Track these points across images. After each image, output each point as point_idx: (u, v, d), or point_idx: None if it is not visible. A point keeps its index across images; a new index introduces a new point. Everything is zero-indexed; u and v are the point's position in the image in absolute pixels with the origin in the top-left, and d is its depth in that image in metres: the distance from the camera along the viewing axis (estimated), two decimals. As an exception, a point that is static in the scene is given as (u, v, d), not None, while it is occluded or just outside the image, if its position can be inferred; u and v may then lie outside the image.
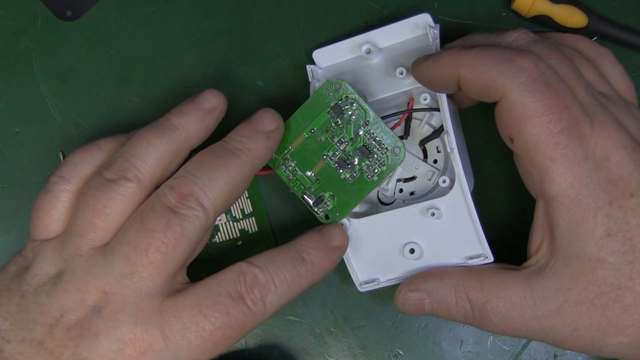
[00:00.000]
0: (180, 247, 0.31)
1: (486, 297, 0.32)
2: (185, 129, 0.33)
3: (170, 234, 0.31)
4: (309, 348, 0.39)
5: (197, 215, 0.31)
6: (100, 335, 0.30)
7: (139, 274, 0.30)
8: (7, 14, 0.41)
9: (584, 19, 0.37)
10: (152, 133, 0.33)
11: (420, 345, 0.38)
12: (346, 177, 0.35)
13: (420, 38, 0.36)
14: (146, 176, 0.32)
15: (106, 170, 0.32)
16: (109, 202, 0.31)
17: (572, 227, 0.30)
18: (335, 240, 0.34)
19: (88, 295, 0.30)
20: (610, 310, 0.30)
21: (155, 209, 0.31)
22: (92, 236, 0.31)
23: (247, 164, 0.33)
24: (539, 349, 0.38)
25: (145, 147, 0.33)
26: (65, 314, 0.30)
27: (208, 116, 0.34)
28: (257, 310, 0.31)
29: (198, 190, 0.31)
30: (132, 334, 0.30)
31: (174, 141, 0.33)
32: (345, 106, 0.34)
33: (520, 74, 0.30)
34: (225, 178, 0.32)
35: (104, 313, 0.30)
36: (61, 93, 0.40)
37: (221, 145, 0.33)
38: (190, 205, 0.31)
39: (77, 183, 0.33)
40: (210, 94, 0.34)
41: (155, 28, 0.40)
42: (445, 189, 0.34)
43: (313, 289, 0.39)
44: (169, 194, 0.31)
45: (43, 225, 0.33)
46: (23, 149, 0.40)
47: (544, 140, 0.30)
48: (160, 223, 0.31)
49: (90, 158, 0.34)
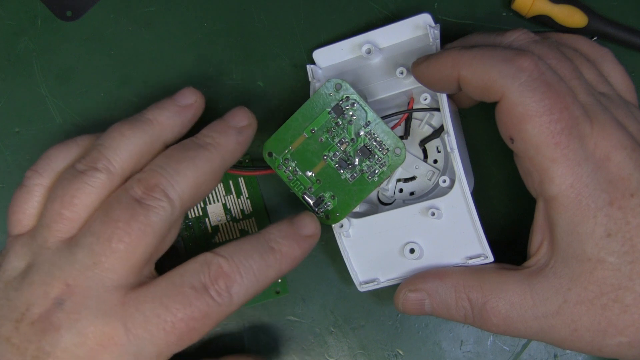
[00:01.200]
0: (145, 238, 0.30)
1: (486, 297, 0.32)
2: (159, 122, 0.33)
3: (134, 224, 0.30)
4: (309, 348, 0.39)
5: (162, 206, 0.31)
6: (62, 329, 0.30)
7: (101, 264, 0.30)
8: (7, 14, 0.41)
9: (584, 19, 0.37)
10: (125, 126, 0.33)
11: (420, 345, 0.38)
12: (347, 178, 0.35)
13: (421, 38, 0.36)
14: (117, 168, 0.32)
15: (79, 163, 0.32)
16: (77, 193, 0.31)
17: (572, 227, 0.30)
18: (306, 228, 0.34)
19: (51, 288, 0.30)
20: (610, 310, 0.30)
21: (121, 200, 0.31)
22: (60, 227, 0.31)
23: (216, 158, 0.33)
24: (539, 349, 0.38)
25: (118, 139, 0.32)
26: (30, 308, 0.30)
27: (184, 112, 0.34)
28: (222, 301, 0.31)
29: (165, 182, 0.31)
30: (93, 326, 0.30)
31: (148, 135, 0.33)
32: (346, 106, 0.34)
33: (520, 74, 0.30)
34: (193, 171, 0.32)
35: (65, 306, 0.30)
36: (61, 93, 0.40)
37: (191, 140, 0.33)
38: (156, 197, 0.31)
39: (50, 178, 0.33)
40: (188, 91, 0.35)
41: (155, 28, 0.40)
42: (446, 189, 0.34)
43: (313, 289, 0.39)
44: (135, 185, 0.31)
45: (17, 220, 0.33)
46: (23, 149, 0.40)
47: (544, 141, 0.30)
48: (125, 213, 0.30)
49: (66, 153, 0.34)
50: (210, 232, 0.39)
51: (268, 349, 0.39)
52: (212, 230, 0.39)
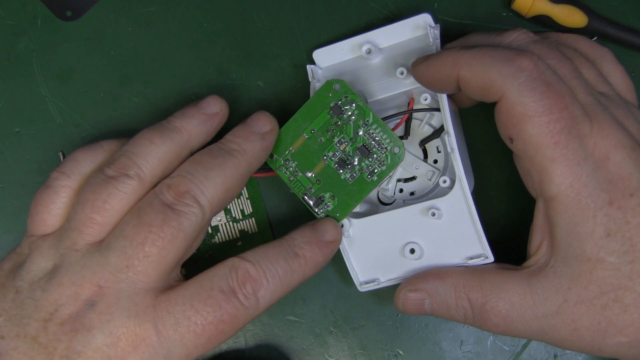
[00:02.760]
0: (177, 242, 0.31)
1: (486, 297, 0.32)
2: (187, 131, 0.34)
3: (167, 229, 0.31)
4: (309, 348, 0.39)
5: (194, 212, 0.31)
6: (94, 329, 0.30)
7: (134, 267, 0.31)
8: (7, 14, 0.41)
9: (584, 19, 0.37)
10: (155, 133, 0.33)
11: (420, 345, 0.38)
12: (346, 178, 0.35)
13: (421, 38, 0.36)
14: (147, 175, 0.33)
15: (107, 168, 0.33)
16: (109, 198, 0.32)
17: (572, 227, 0.30)
18: (328, 234, 0.34)
19: (82, 289, 0.31)
20: (610, 310, 0.30)
21: (153, 205, 0.31)
22: (90, 231, 0.32)
23: (243, 164, 0.33)
24: (539, 349, 0.38)
25: (148, 146, 0.33)
26: (59, 309, 0.30)
27: (210, 120, 0.35)
28: (249, 304, 0.31)
29: (195, 188, 0.32)
30: (125, 327, 0.30)
31: (176, 142, 0.34)
32: (345, 106, 0.34)
33: (520, 74, 0.30)
34: (222, 177, 0.32)
35: (97, 307, 0.30)
36: (61, 93, 0.40)
37: (218, 146, 0.34)
38: (187, 202, 0.31)
39: (77, 180, 0.34)
40: (213, 100, 0.35)
41: (155, 28, 0.40)
42: (446, 189, 0.34)
43: (313, 289, 0.39)
44: (166, 191, 0.32)
45: (41, 220, 0.33)
46: (23, 149, 0.40)
47: (544, 140, 0.30)
48: (157, 218, 0.31)
49: (93, 157, 0.34)
50: (210, 232, 0.39)
51: (268, 349, 0.39)
52: (212, 230, 0.39)
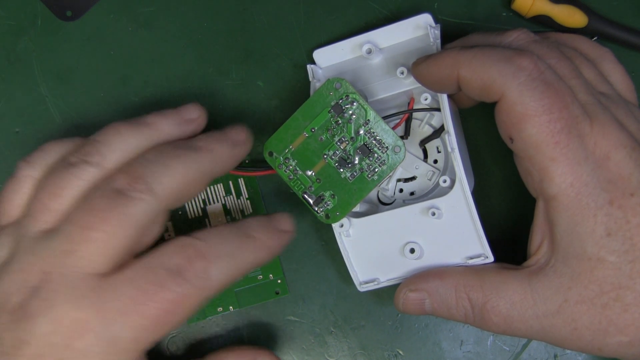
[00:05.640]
0: (123, 228, 0.30)
1: (486, 297, 0.32)
2: (158, 128, 0.33)
3: (113, 214, 0.30)
4: (309, 348, 0.39)
5: (144, 198, 0.30)
6: (38, 317, 0.29)
7: (78, 252, 0.29)
8: (7, 14, 0.41)
9: (584, 19, 0.37)
10: (124, 125, 0.33)
11: (420, 345, 0.38)
12: (346, 177, 0.35)
13: (421, 38, 0.36)
14: (109, 164, 0.31)
15: (71, 155, 0.32)
16: (66, 185, 0.31)
17: (572, 227, 0.30)
18: (282, 224, 0.33)
19: (30, 276, 0.30)
20: (611, 309, 0.30)
21: (104, 190, 0.30)
22: (44, 218, 0.31)
23: (206, 161, 0.32)
24: (539, 348, 0.38)
25: (113, 136, 0.32)
26: (9, 297, 0.30)
27: (184, 125, 0.34)
28: (199, 284, 0.30)
29: (150, 175, 0.30)
30: (66, 313, 0.29)
31: (144, 136, 0.33)
32: (345, 105, 0.34)
33: (520, 74, 0.30)
34: (181, 169, 0.31)
35: (41, 293, 0.29)
36: (61, 93, 0.40)
37: (184, 141, 0.33)
38: (139, 188, 0.30)
39: (41, 170, 0.33)
40: (192, 106, 0.35)
41: (155, 28, 0.40)
42: (446, 189, 0.34)
43: (313, 289, 0.39)
44: (120, 177, 0.31)
45: (4, 210, 0.33)
46: (23, 149, 0.40)
47: (544, 140, 0.30)
48: (104, 202, 0.30)
49: (60, 148, 0.33)
50: (210, 232, 0.39)
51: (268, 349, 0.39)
52: (212, 230, 0.39)
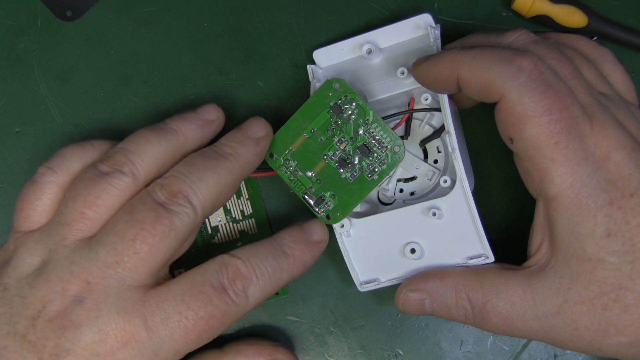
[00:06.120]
0: (168, 241, 0.31)
1: (486, 297, 0.32)
2: (183, 134, 0.34)
3: (158, 227, 0.31)
4: (309, 348, 0.39)
5: (186, 212, 0.31)
6: (82, 326, 0.30)
7: (123, 264, 0.30)
8: (7, 14, 0.41)
9: (584, 19, 0.37)
10: (151, 133, 0.34)
11: (420, 345, 0.38)
12: (347, 177, 0.35)
13: (421, 38, 0.36)
14: (141, 173, 0.33)
15: (101, 164, 0.33)
16: (102, 194, 0.32)
17: (572, 227, 0.30)
18: (316, 234, 0.35)
19: (70, 285, 0.30)
20: (611, 310, 0.30)
21: (146, 203, 0.31)
22: (80, 227, 0.31)
23: (236, 167, 0.34)
24: (539, 349, 0.38)
25: (144, 145, 0.33)
26: (47, 305, 0.30)
27: (206, 127, 0.35)
28: (239, 301, 0.31)
29: (187, 189, 0.32)
30: (114, 324, 0.30)
31: (172, 144, 0.34)
32: (345, 105, 0.34)
33: (520, 74, 0.30)
34: (215, 179, 0.33)
35: (85, 303, 0.30)
36: (61, 93, 0.40)
37: (212, 149, 0.34)
38: (179, 202, 0.31)
39: (64, 176, 0.33)
40: (211, 107, 0.36)
41: (155, 28, 0.40)
42: (446, 189, 0.34)
43: (313, 289, 0.39)
44: (159, 190, 0.32)
45: (26, 216, 0.33)
46: (23, 149, 0.40)
47: (544, 141, 0.30)
48: (149, 215, 0.31)
49: (82, 154, 0.34)
50: (210, 232, 0.39)
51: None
52: (212, 230, 0.39)
